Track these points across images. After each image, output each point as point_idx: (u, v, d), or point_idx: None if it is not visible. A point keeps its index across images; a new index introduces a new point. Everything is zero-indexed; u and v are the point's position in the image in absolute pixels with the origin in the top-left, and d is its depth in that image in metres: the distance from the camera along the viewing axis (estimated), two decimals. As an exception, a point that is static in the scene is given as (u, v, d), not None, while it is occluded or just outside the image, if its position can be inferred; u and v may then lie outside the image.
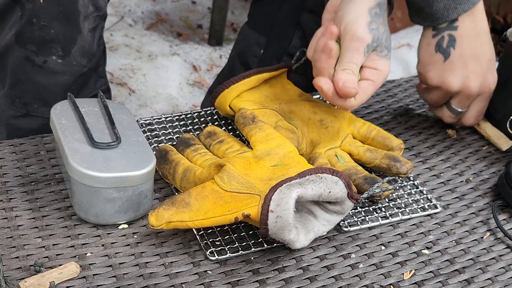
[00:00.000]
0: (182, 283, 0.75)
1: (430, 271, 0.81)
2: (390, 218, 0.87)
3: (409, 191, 0.93)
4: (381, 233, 0.85)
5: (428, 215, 0.89)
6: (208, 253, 0.79)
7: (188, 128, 1.00)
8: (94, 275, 0.75)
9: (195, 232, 0.81)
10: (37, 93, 1.05)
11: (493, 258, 0.84)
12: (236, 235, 0.82)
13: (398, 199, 0.91)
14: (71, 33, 1.02)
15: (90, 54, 1.06)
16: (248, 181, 0.80)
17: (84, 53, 1.05)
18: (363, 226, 0.85)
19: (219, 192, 0.78)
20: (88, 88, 1.10)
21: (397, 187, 0.93)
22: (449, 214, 0.90)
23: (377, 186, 0.84)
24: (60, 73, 1.04)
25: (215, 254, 0.79)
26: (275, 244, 0.81)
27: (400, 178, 0.94)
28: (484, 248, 0.85)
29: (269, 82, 1.03)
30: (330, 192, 0.76)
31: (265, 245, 0.80)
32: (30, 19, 0.99)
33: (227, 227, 0.83)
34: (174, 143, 0.96)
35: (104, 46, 1.12)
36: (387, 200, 0.90)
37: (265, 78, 1.01)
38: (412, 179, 0.95)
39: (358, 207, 0.88)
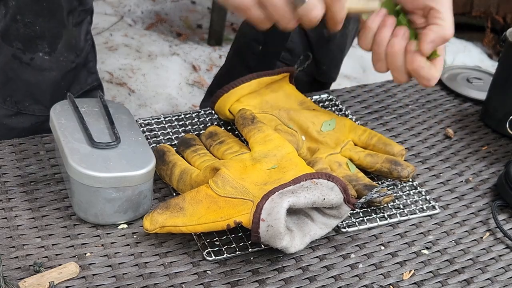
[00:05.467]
0: (181, 283, 0.75)
1: (430, 271, 0.81)
2: (388, 219, 0.87)
3: (407, 192, 0.92)
4: (380, 233, 0.85)
5: (427, 215, 0.89)
6: (205, 253, 0.78)
7: (187, 128, 1.00)
8: (93, 275, 0.75)
9: (193, 233, 0.81)
10: (27, 91, 1.05)
11: (492, 258, 0.84)
12: (234, 235, 0.82)
13: (396, 200, 0.91)
14: (56, 29, 1.02)
15: (77, 49, 1.06)
16: (242, 185, 0.79)
17: (71, 48, 1.04)
18: (361, 227, 0.85)
19: (213, 197, 0.78)
20: (79, 84, 1.10)
21: (395, 188, 0.93)
22: (449, 214, 0.90)
23: (376, 191, 0.84)
24: (48, 69, 1.04)
25: (212, 255, 0.78)
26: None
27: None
28: (483, 248, 0.85)
29: (270, 87, 1.02)
30: (324, 198, 0.76)
31: (263, 246, 0.80)
32: (14, 16, 0.99)
33: (226, 227, 0.83)
34: (173, 143, 0.96)
35: (93, 41, 1.12)
36: (386, 200, 0.90)
37: (266, 82, 1.01)
38: (411, 180, 0.95)
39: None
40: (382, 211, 0.88)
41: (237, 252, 0.79)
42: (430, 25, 0.83)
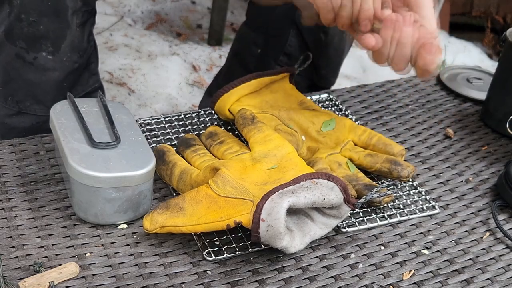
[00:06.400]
0: (181, 283, 0.75)
1: (430, 271, 0.81)
2: (388, 219, 0.87)
3: (407, 192, 0.92)
4: (380, 233, 0.85)
5: (427, 215, 0.89)
6: (205, 253, 0.78)
7: (187, 128, 1.00)
8: (93, 275, 0.75)
9: (193, 233, 0.81)
10: (29, 90, 1.05)
11: (492, 258, 0.84)
12: (234, 235, 0.82)
13: (396, 200, 0.91)
14: (60, 29, 1.02)
15: (80, 50, 1.06)
16: (242, 185, 0.79)
17: (74, 48, 1.05)
18: (361, 227, 0.85)
19: (213, 197, 0.79)
20: (81, 85, 1.10)
21: (395, 188, 0.93)
22: (449, 214, 0.90)
23: (376, 191, 0.84)
24: (51, 69, 1.04)
25: (212, 255, 0.78)
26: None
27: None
28: (483, 248, 0.85)
29: (270, 87, 1.02)
30: (324, 198, 0.76)
31: (263, 246, 0.80)
32: (19, 15, 0.99)
33: (226, 227, 0.83)
34: (173, 143, 0.96)
35: (95, 43, 1.12)
36: (386, 200, 0.90)
37: (266, 82, 1.01)
38: (411, 180, 0.95)
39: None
40: (382, 211, 0.88)
41: (237, 252, 0.79)
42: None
